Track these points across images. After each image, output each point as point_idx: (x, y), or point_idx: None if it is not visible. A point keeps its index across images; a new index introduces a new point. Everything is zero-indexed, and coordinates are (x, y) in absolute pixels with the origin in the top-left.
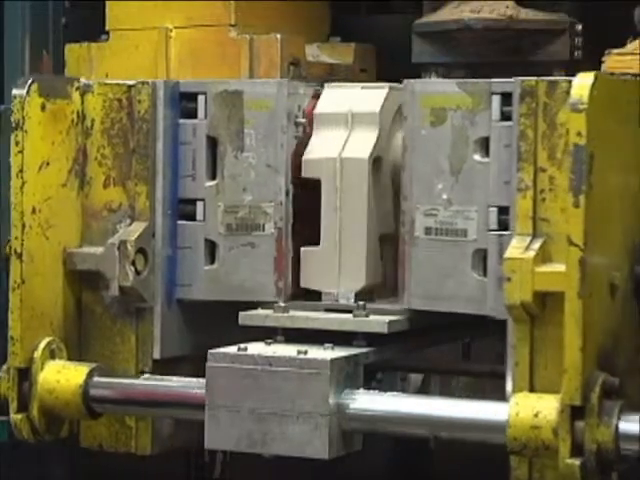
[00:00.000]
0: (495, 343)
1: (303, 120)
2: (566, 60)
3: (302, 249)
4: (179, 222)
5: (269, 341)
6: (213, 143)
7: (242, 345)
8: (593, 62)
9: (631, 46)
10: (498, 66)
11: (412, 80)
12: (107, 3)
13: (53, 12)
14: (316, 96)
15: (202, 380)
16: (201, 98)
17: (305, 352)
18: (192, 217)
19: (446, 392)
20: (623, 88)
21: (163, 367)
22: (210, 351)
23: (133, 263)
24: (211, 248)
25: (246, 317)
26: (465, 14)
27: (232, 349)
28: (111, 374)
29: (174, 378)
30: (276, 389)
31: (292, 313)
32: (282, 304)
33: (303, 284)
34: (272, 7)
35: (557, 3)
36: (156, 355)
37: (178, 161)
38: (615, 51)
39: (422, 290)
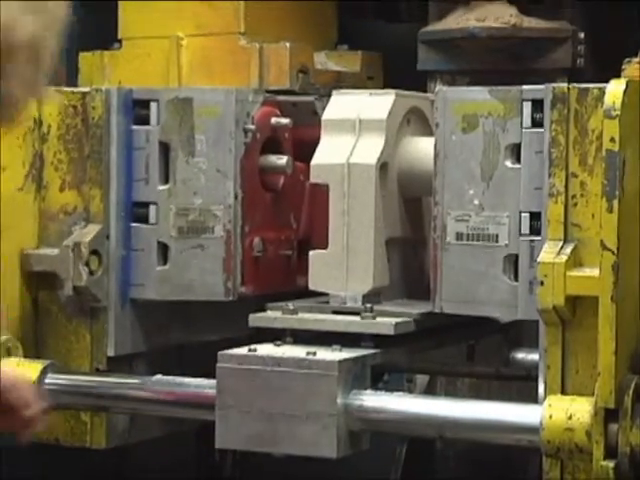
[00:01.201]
0: (499, 345)
1: (252, 127)
2: (569, 67)
3: (310, 252)
4: (132, 224)
5: (278, 343)
6: (165, 148)
7: (252, 346)
8: (595, 69)
9: None
10: (502, 73)
11: (444, 88)
12: (119, 12)
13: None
14: (265, 103)
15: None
16: (153, 105)
17: (314, 353)
18: (145, 220)
19: (451, 393)
20: None
21: (117, 364)
22: (220, 352)
23: (87, 264)
24: (163, 250)
25: (255, 319)
26: (470, 22)
27: (242, 350)
28: (65, 371)
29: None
30: (285, 389)
31: (300, 315)
32: (291, 306)
33: (311, 286)
34: (281, 16)
35: (560, 11)
36: (110, 353)
37: (131, 166)
38: (636, 59)
39: (454, 295)
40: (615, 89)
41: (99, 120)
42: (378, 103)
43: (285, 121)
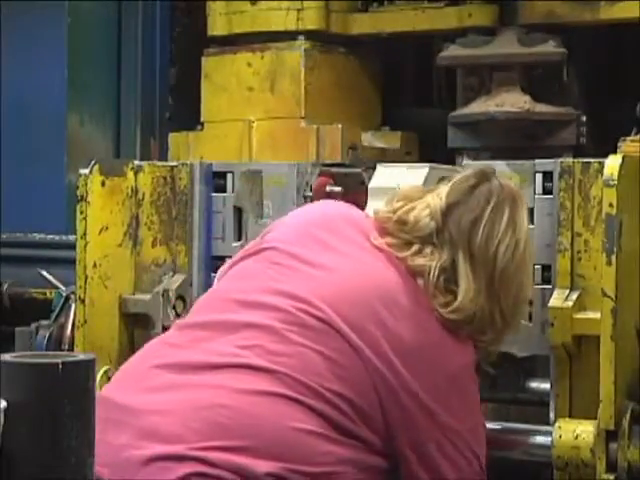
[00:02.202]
0: (516, 375)
1: (310, 194)
2: (573, 145)
3: None
4: (212, 274)
5: None
6: (239, 212)
7: None
8: (595, 146)
9: None
10: (518, 150)
11: (470, 161)
12: (202, 100)
13: (160, 107)
14: (321, 174)
15: None
16: (229, 176)
17: None
18: None
19: None
20: None
21: None
22: None
23: (174, 307)
24: None
25: None
26: (491, 107)
27: None
28: None
29: None
30: None
31: None
32: None
33: None
34: (335, 103)
35: (565, 99)
36: None
37: (211, 226)
38: (629, 138)
39: None
40: (613, 163)
41: (184, 189)
42: (415, 174)
43: (337, 189)
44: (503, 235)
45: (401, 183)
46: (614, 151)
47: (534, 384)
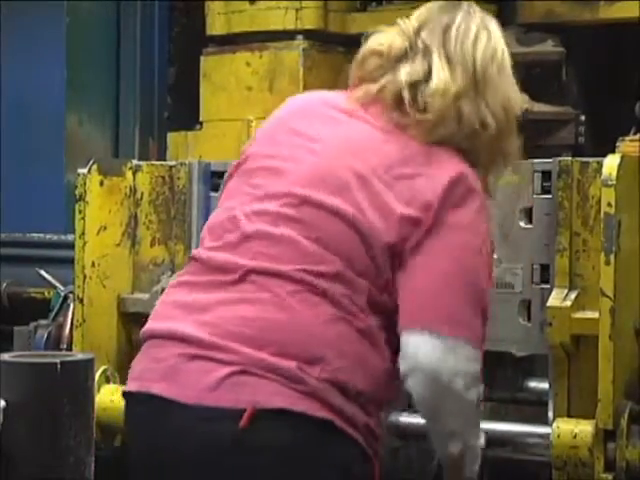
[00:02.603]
0: (515, 374)
1: None
2: (572, 144)
3: None
4: None
5: None
6: None
7: None
8: (594, 145)
9: None
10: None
11: None
12: (201, 99)
13: (158, 107)
14: None
15: None
16: (225, 178)
17: None
18: None
19: None
20: None
21: None
22: None
23: None
24: None
25: None
26: None
27: None
28: None
29: None
30: None
31: None
32: None
33: None
34: None
35: (564, 99)
36: None
37: (203, 230)
38: (627, 138)
39: None
40: (611, 162)
41: (183, 188)
42: None
43: None
44: (478, 35)
45: None
46: (613, 151)
47: (533, 384)
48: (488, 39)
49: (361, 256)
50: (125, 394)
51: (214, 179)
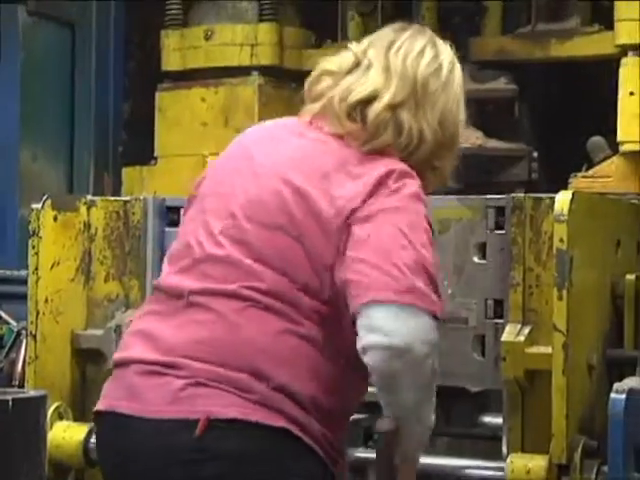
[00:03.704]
0: (470, 410)
1: None
2: (525, 180)
3: None
4: None
5: None
6: None
7: None
8: (546, 181)
9: (592, 171)
10: (471, 185)
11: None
12: (156, 135)
13: (113, 142)
14: None
15: None
16: (183, 211)
17: None
18: None
19: (431, 450)
20: (599, 203)
21: None
22: None
23: None
24: None
25: None
26: None
27: None
28: None
29: None
30: None
31: None
32: None
33: None
34: None
35: (517, 135)
36: None
37: (164, 261)
38: (580, 174)
39: None
40: (563, 198)
41: (138, 223)
42: None
43: None
44: (423, 52)
45: None
46: (565, 187)
47: (487, 419)
48: (434, 56)
49: (304, 270)
50: (95, 414)
51: (169, 214)
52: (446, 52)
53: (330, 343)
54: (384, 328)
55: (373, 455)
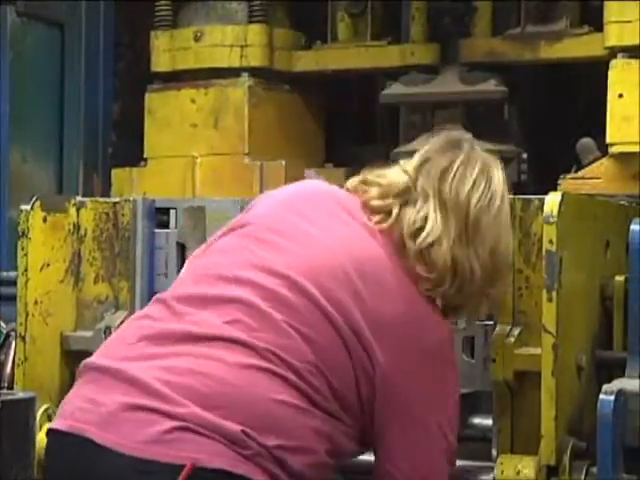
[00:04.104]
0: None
1: None
2: (515, 182)
3: None
4: None
5: None
6: (182, 248)
7: None
8: (536, 183)
9: (581, 173)
10: None
11: None
12: (145, 136)
13: (102, 143)
14: None
15: None
16: (172, 212)
17: None
18: None
19: None
20: (589, 204)
21: None
22: None
23: None
24: None
25: None
26: None
27: None
28: None
29: None
30: None
31: None
32: None
33: None
34: (278, 139)
35: (507, 137)
36: None
37: (154, 262)
38: (569, 176)
39: None
40: (553, 200)
41: (127, 225)
42: None
43: None
44: (476, 184)
45: None
46: (554, 188)
47: (477, 420)
48: (486, 186)
49: (339, 366)
50: (53, 431)
51: (159, 216)
52: (497, 177)
53: (332, 430)
54: None
55: None
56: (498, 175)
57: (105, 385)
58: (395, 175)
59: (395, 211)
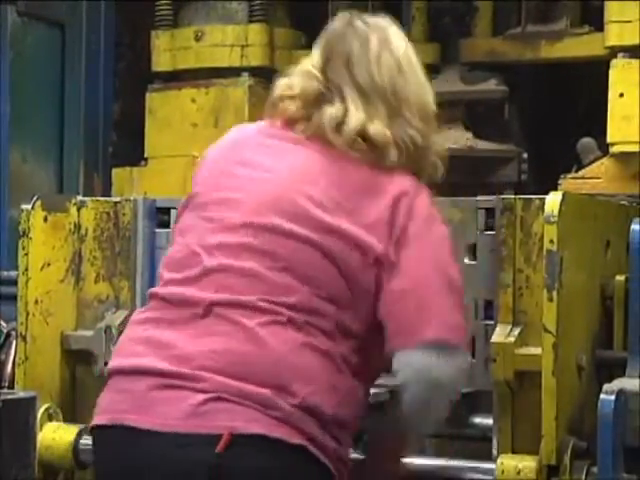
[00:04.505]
0: (460, 410)
1: None
2: (515, 182)
3: None
4: None
5: None
6: None
7: None
8: (536, 183)
9: (581, 173)
10: (461, 186)
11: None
12: (146, 136)
13: (103, 142)
14: None
15: None
16: (173, 212)
17: None
18: None
19: (421, 450)
20: (589, 204)
21: None
22: None
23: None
24: None
25: None
26: None
27: None
28: None
29: None
30: None
31: None
32: None
33: None
34: None
35: (507, 136)
36: None
37: (154, 262)
38: (570, 175)
39: None
40: (553, 199)
41: (128, 224)
42: None
43: None
44: (381, 59)
45: None
46: (555, 188)
47: (477, 419)
48: (390, 56)
49: (332, 283)
50: (95, 428)
51: (159, 215)
52: (395, 44)
53: (350, 358)
54: (424, 367)
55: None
56: (396, 40)
57: (129, 380)
58: (304, 82)
59: (316, 115)
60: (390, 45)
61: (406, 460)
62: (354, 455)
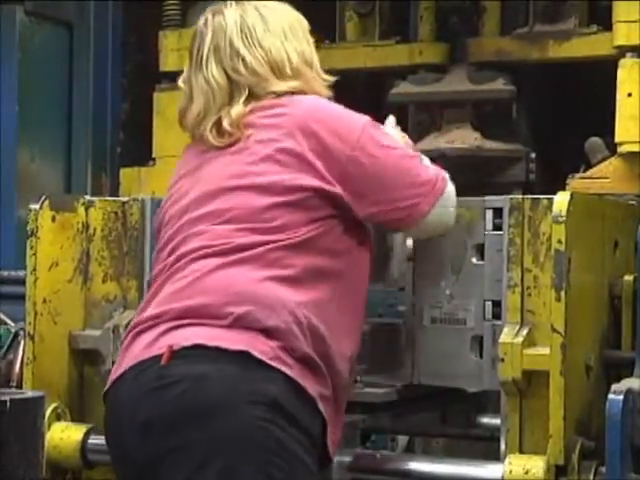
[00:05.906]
0: (467, 411)
1: None
2: (523, 181)
3: None
4: None
5: None
6: None
7: None
8: (544, 182)
9: (590, 172)
10: (468, 186)
11: None
12: (154, 136)
13: (111, 142)
14: None
15: None
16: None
17: None
18: None
19: (428, 451)
20: (597, 204)
21: None
22: None
23: None
24: None
25: None
26: (442, 144)
27: None
28: None
29: None
30: None
31: None
32: None
33: None
34: None
35: (515, 136)
36: None
37: None
38: (578, 175)
39: (429, 369)
40: (562, 199)
41: (136, 224)
42: None
43: None
44: (231, 43)
45: None
46: (563, 188)
47: (485, 419)
48: (244, 43)
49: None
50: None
51: None
52: (225, 21)
53: (301, 275)
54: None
55: None
56: (225, 17)
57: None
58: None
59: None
60: (245, 22)
61: (415, 461)
62: (357, 451)
